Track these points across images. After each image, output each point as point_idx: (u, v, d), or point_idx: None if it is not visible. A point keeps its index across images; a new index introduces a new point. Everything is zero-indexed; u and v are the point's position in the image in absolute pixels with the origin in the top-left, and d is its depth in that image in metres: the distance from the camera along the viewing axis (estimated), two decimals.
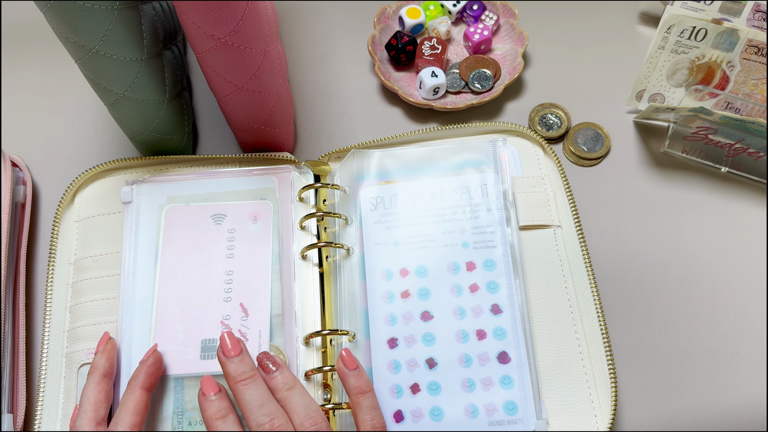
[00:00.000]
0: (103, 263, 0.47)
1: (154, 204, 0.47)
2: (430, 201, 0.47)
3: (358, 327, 0.45)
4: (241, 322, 0.44)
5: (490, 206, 0.46)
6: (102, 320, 0.45)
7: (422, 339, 0.43)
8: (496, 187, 0.47)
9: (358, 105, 0.56)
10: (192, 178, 0.48)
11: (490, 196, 0.47)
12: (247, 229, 0.47)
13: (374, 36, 0.57)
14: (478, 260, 0.45)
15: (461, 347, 0.43)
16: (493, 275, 0.44)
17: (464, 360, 0.43)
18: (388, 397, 0.42)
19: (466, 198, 0.47)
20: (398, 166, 0.49)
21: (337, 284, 0.46)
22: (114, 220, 0.48)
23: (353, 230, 0.47)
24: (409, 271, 0.45)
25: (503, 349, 0.43)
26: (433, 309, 0.44)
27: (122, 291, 0.45)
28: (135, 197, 0.47)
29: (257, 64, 0.43)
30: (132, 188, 0.48)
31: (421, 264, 0.45)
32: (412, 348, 0.43)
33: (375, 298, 0.45)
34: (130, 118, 0.47)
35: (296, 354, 0.44)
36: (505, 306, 0.44)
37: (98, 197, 0.49)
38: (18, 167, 0.52)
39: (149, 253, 0.46)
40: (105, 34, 0.40)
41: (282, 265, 0.46)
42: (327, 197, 0.49)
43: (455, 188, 0.47)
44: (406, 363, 0.43)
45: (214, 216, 0.47)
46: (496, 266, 0.45)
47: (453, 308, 0.44)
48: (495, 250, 0.45)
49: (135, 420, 0.38)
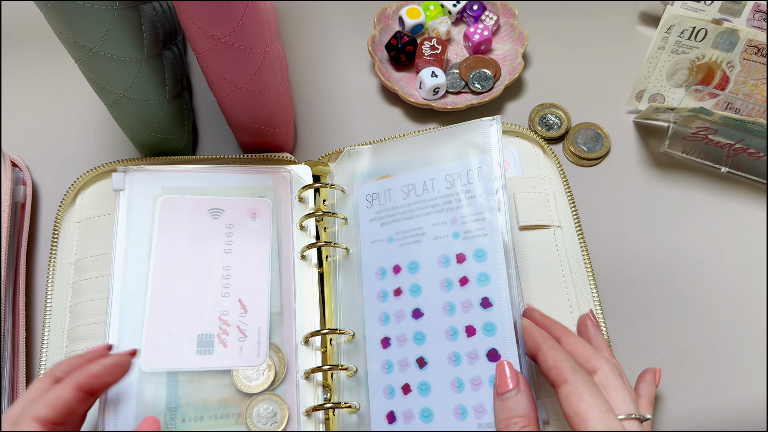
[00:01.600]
0: (103, 263, 0.47)
1: (148, 193, 0.46)
2: (422, 192, 0.46)
3: (357, 327, 0.44)
4: (240, 318, 0.44)
5: (480, 191, 0.43)
6: (102, 319, 0.45)
7: (413, 338, 0.42)
8: (486, 171, 0.44)
9: (358, 105, 0.56)
10: (188, 170, 0.47)
11: (480, 180, 0.44)
12: (245, 225, 0.46)
13: (374, 36, 0.57)
14: (468, 251, 0.43)
15: (450, 345, 0.41)
16: (483, 266, 0.42)
17: (453, 359, 0.41)
18: (382, 397, 0.42)
19: (457, 184, 0.44)
20: (391, 159, 0.47)
21: (336, 284, 0.46)
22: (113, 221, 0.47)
23: (351, 229, 0.47)
24: (401, 268, 0.44)
25: (493, 346, 0.41)
26: (423, 306, 0.43)
27: (113, 281, 0.43)
28: (128, 185, 0.46)
29: (257, 64, 0.43)
30: (125, 175, 0.46)
31: (412, 259, 0.44)
32: (404, 347, 0.42)
33: (370, 297, 0.44)
34: (130, 119, 0.47)
35: (295, 353, 0.44)
36: (495, 298, 0.41)
37: (99, 198, 0.49)
38: (18, 167, 0.52)
39: (142, 244, 0.45)
40: (105, 34, 0.40)
41: (281, 264, 0.46)
42: (327, 197, 0.49)
43: (446, 176, 0.45)
44: (397, 363, 0.42)
45: (211, 210, 0.46)
46: (486, 256, 0.42)
47: (443, 304, 0.42)
48: (486, 238, 0.42)
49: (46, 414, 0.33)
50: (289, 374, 0.43)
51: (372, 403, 0.42)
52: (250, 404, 0.42)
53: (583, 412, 0.34)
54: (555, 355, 0.37)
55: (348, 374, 0.43)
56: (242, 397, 0.42)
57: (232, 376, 0.42)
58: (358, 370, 0.43)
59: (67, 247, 0.48)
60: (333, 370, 0.43)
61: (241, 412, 0.42)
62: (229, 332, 0.43)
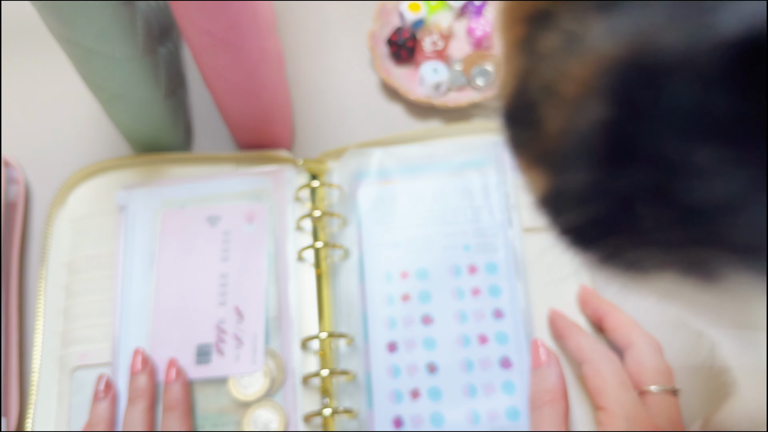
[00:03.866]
0: (97, 264, 0.46)
1: (150, 208, 0.46)
2: (431, 202, 0.46)
3: (357, 330, 0.44)
4: (237, 326, 0.43)
5: (492, 208, 0.45)
6: (96, 322, 0.44)
7: (423, 343, 0.42)
8: (499, 189, 0.45)
9: (357, 102, 0.55)
10: (187, 181, 0.47)
11: (492, 198, 0.45)
12: (241, 230, 0.46)
13: (374, 31, 0.56)
14: (480, 263, 0.44)
15: (463, 352, 0.42)
16: (495, 279, 0.43)
17: (465, 365, 0.42)
18: (388, 402, 0.41)
19: (467, 200, 0.46)
20: (398, 166, 0.47)
21: (334, 286, 0.45)
22: (108, 220, 0.47)
23: (352, 231, 0.46)
24: (409, 274, 0.44)
25: (505, 355, 0.42)
26: (433, 313, 0.43)
27: (118, 298, 0.44)
28: (131, 202, 0.47)
29: (254, 60, 0.42)
30: (128, 193, 0.47)
31: (421, 266, 0.44)
32: (413, 352, 0.42)
33: (374, 301, 0.44)
34: (124, 116, 0.47)
35: (293, 357, 0.43)
36: (507, 310, 0.43)
37: (92, 197, 0.48)
38: (10, 165, 0.51)
39: (145, 259, 0.45)
40: (99, 31, 0.39)
41: (278, 267, 0.45)
42: (325, 197, 0.48)
43: (456, 189, 0.46)
44: (406, 367, 0.42)
45: (209, 218, 0.46)
46: (498, 269, 0.44)
47: (454, 312, 0.43)
48: (497, 253, 0.44)
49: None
50: (287, 379, 0.42)
51: (376, 407, 0.41)
52: (247, 412, 0.41)
53: (599, 387, 0.37)
54: (577, 339, 0.40)
55: (347, 378, 0.43)
56: (240, 405, 0.42)
57: (228, 384, 0.42)
58: (357, 374, 0.43)
59: (60, 247, 0.47)
60: (332, 374, 0.42)
61: (240, 420, 0.41)
62: (227, 340, 0.43)
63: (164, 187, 0.47)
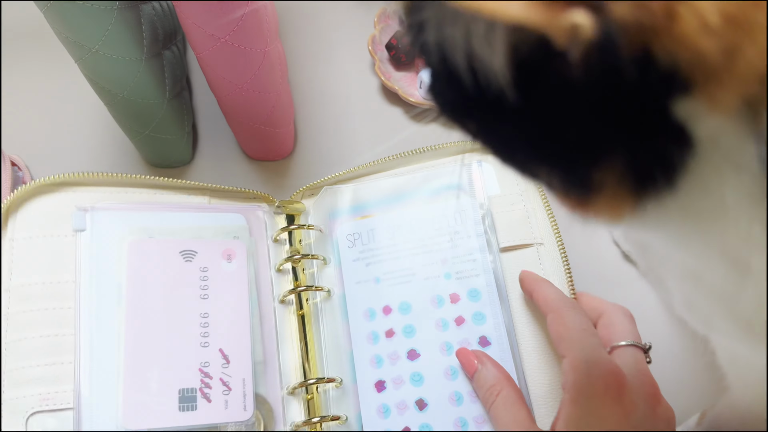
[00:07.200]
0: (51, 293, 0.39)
1: (114, 235, 0.41)
2: (408, 233, 0.45)
3: (345, 371, 0.42)
4: (222, 370, 0.40)
5: (469, 233, 0.44)
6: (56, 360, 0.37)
7: (410, 379, 0.41)
8: (474, 212, 0.44)
9: (358, 105, 0.56)
10: (153, 209, 0.43)
11: (467, 222, 0.44)
12: (221, 268, 0.43)
13: (374, 36, 0.56)
14: (461, 291, 0.42)
15: (451, 385, 0.40)
16: (478, 305, 0.42)
17: (455, 398, 0.40)
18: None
19: (444, 226, 0.44)
20: (372, 199, 0.46)
21: (319, 327, 0.44)
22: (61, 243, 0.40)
23: (332, 270, 0.45)
24: (392, 309, 0.43)
25: None
26: (419, 347, 0.42)
27: (79, 334, 0.38)
28: (89, 225, 0.41)
29: (257, 63, 0.43)
30: (86, 214, 0.41)
31: (403, 300, 0.43)
32: (401, 390, 0.41)
33: (359, 340, 0.42)
34: (129, 118, 0.47)
35: (282, 404, 0.41)
36: (492, 337, 0.41)
37: (44, 215, 0.41)
38: (17, 167, 0.51)
39: (110, 291, 0.39)
40: (105, 34, 0.40)
41: (261, 309, 0.43)
42: (303, 237, 0.47)
43: (432, 217, 0.45)
44: (395, 406, 0.40)
45: (183, 252, 0.42)
46: (480, 296, 0.42)
47: (440, 344, 0.41)
48: (478, 278, 0.43)
49: None
50: (277, 427, 0.40)
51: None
52: None
53: (561, 334, 0.36)
54: (545, 293, 0.39)
55: (339, 422, 0.41)
56: None
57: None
58: (348, 418, 0.41)
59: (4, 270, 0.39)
60: (322, 421, 0.40)
61: None
62: (212, 385, 0.40)
63: (129, 212, 0.42)
